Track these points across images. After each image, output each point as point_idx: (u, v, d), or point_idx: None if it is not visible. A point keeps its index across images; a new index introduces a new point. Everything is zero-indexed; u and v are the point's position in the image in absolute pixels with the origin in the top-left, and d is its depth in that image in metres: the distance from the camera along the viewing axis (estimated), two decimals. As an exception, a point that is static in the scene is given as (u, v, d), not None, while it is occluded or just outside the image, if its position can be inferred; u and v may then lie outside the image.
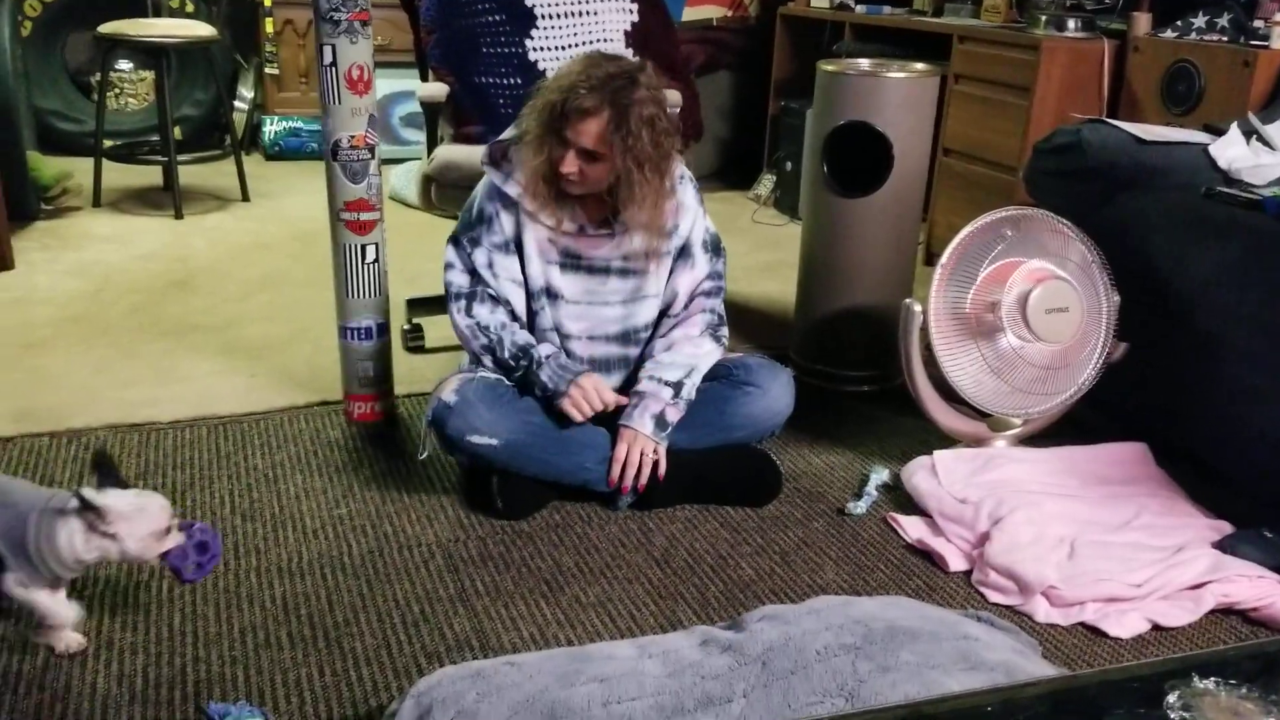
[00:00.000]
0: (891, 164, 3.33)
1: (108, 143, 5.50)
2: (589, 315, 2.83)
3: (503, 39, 3.61)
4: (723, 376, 2.87)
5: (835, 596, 2.32)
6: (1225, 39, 3.80)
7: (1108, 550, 2.58)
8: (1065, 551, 2.57)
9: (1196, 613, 2.42)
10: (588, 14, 3.66)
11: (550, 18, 3.61)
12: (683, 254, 2.85)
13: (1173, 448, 2.98)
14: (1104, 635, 2.36)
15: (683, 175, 2.84)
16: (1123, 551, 2.58)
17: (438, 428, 2.71)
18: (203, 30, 5.31)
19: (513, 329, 2.77)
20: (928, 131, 3.44)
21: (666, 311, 2.89)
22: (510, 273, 2.78)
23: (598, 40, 3.67)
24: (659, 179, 2.67)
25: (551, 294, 2.79)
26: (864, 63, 3.53)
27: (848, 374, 3.56)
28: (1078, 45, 4.20)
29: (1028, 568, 2.47)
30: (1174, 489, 2.87)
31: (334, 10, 2.81)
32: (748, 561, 2.59)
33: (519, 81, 3.59)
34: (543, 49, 3.62)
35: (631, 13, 3.73)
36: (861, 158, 3.36)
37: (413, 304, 3.81)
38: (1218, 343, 2.82)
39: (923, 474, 2.87)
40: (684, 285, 2.87)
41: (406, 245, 4.59)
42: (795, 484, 2.95)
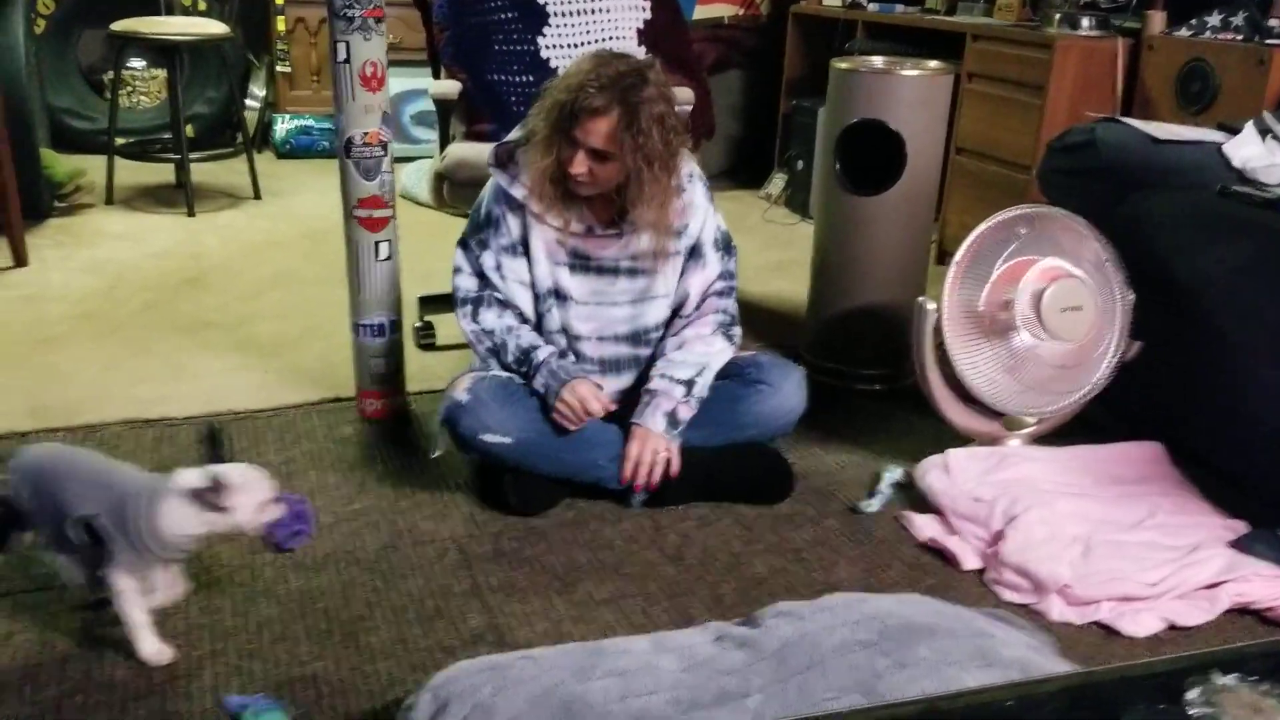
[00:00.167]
0: (904, 162, 3.33)
1: (120, 140, 5.52)
2: (597, 316, 2.82)
3: (515, 36, 3.61)
4: (735, 375, 2.87)
5: (850, 593, 2.31)
6: (1240, 37, 3.79)
7: (1122, 549, 2.57)
8: (1080, 550, 2.56)
9: (1212, 612, 2.42)
10: (600, 11, 3.66)
11: (562, 15, 3.61)
12: (694, 254, 2.85)
13: (1187, 447, 2.98)
14: (1119, 634, 2.36)
15: (693, 174, 2.83)
16: (1137, 551, 2.57)
17: (451, 426, 2.71)
18: (215, 28, 5.32)
19: (518, 332, 2.77)
20: (941, 130, 3.44)
21: (678, 312, 2.88)
22: (518, 275, 2.78)
23: (610, 38, 3.67)
24: (667, 177, 2.67)
25: (559, 295, 2.79)
26: (877, 60, 3.53)
27: (859, 373, 3.55)
28: (1091, 44, 4.19)
29: (1042, 566, 2.46)
30: (1188, 488, 2.86)
31: (348, 7, 2.81)
32: (760, 559, 2.59)
33: (531, 79, 3.59)
34: (555, 46, 3.62)
35: (644, 10, 3.72)
36: (874, 156, 3.36)
37: (424, 301, 3.81)
38: (1232, 342, 2.82)
39: (936, 472, 2.87)
40: (696, 285, 2.86)
41: (418, 243, 4.57)
42: (807, 482, 2.94)
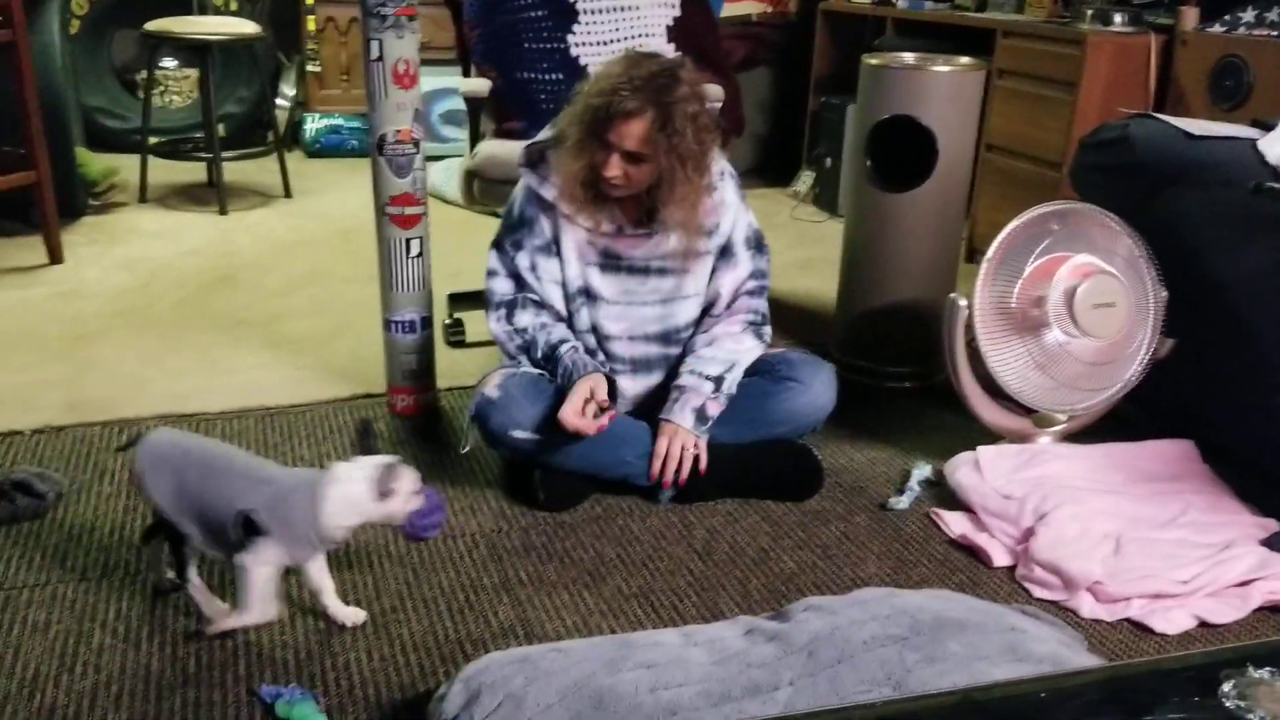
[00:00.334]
0: (936, 158, 3.33)
1: (153, 139, 5.55)
2: (627, 315, 2.83)
3: (545, 34, 3.62)
4: (764, 371, 2.87)
5: (880, 588, 2.32)
6: (1274, 33, 3.76)
7: (1154, 547, 2.56)
8: (1111, 548, 2.55)
9: (1244, 610, 2.41)
10: (629, 9, 3.66)
11: (592, 13, 3.62)
12: (725, 253, 2.85)
13: (1219, 445, 2.96)
14: (1150, 631, 2.35)
15: (724, 172, 2.83)
16: (1169, 548, 2.56)
17: (481, 422, 2.72)
18: (247, 28, 5.35)
19: (549, 329, 2.77)
20: (972, 126, 3.43)
21: (709, 310, 2.89)
22: (552, 275, 2.79)
23: (639, 35, 3.67)
24: (699, 176, 2.67)
25: (590, 295, 2.80)
26: (909, 56, 3.52)
27: (889, 370, 3.55)
28: (1124, 40, 4.17)
29: (1073, 563, 2.46)
30: (1220, 486, 2.85)
31: (381, 5, 2.83)
32: (789, 555, 2.59)
33: (560, 77, 3.60)
34: (584, 44, 3.63)
35: (673, 7, 3.72)
36: (905, 152, 3.35)
37: (454, 299, 3.82)
38: (1266, 339, 2.80)
39: (966, 469, 2.86)
40: (727, 285, 2.86)
41: (446, 241, 4.58)
42: (836, 479, 2.94)
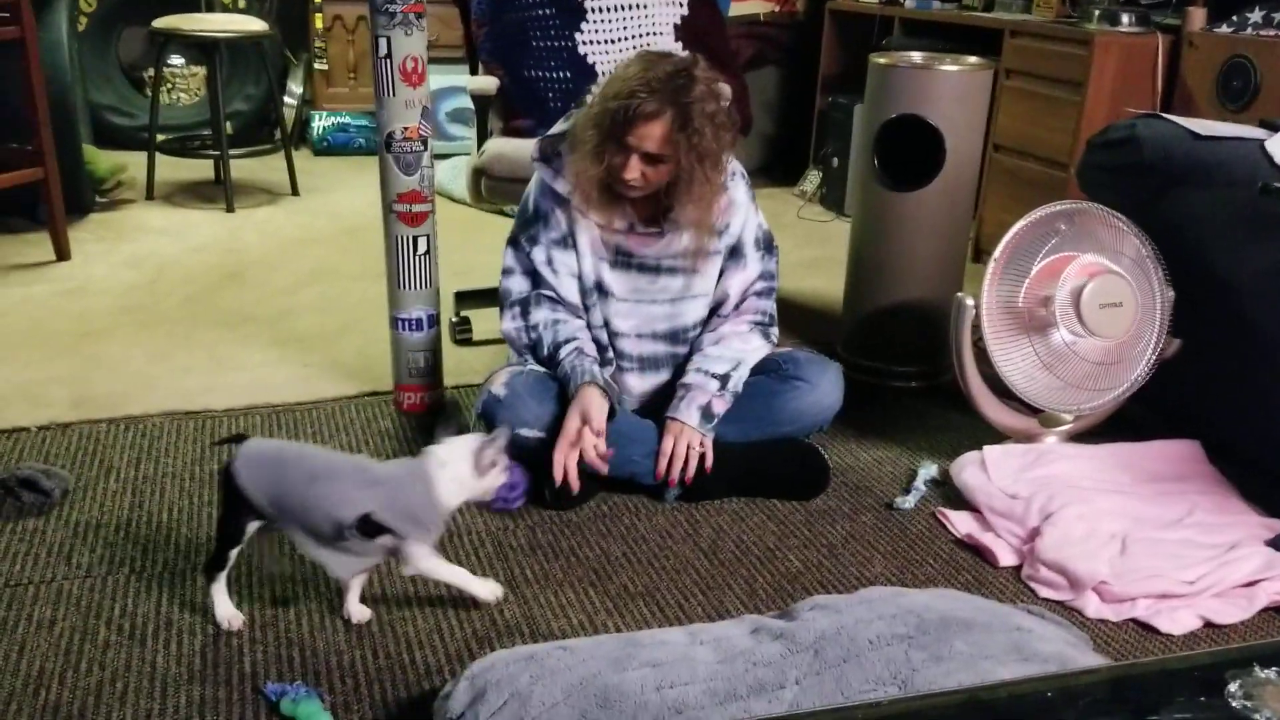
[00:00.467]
0: (943, 158, 3.33)
1: (161, 137, 5.56)
2: (636, 313, 2.83)
3: (553, 32, 3.62)
4: (771, 370, 2.87)
5: (886, 587, 2.32)
6: (1281, 34, 3.77)
7: (1160, 547, 2.56)
8: (1117, 548, 2.55)
9: (1249, 610, 2.41)
10: (637, 7, 3.66)
11: (600, 11, 3.62)
12: (734, 253, 2.84)
13: (1226, 445, 2.96)
14: (1155, 632, 2.35)
15: (735, 172, 2.82)
16: (1175, 548, 2.56)
17: (487, 420, 2.72)
18: (254, 25, 5.36)
19: (558, 327, 2.76)
20: (980, 126, 3.43)
21: (717, 310, 2.89)
22: (569, 267, 2.78)
23: (647, 34, 3.67)
24: (717, 175, 2.67)
25: (602, 290, 2.80)
26: (916, 56, 3.52)
27: (896, 369, 3.55)
28: (1131, 40, 4.17)
29: (1079, 563, 2.46)
30: (1227, 487, 2.85)
31: (389, 2, 2.83)
32: (795, 554, 2.59)
33: (568, 75, 3.60)
34: (592, 43, 3.63)
35: (681, 6, 3.73)
36: (912, 152, 3.35)
37: (461, 297, 3.82)
38: (1272, 340, 2.80)
39: (972, 469, 2.86)
40: (735, 285, 2.86)
41: (453, 239, 4.60)
42: (843, 478, 2.94)
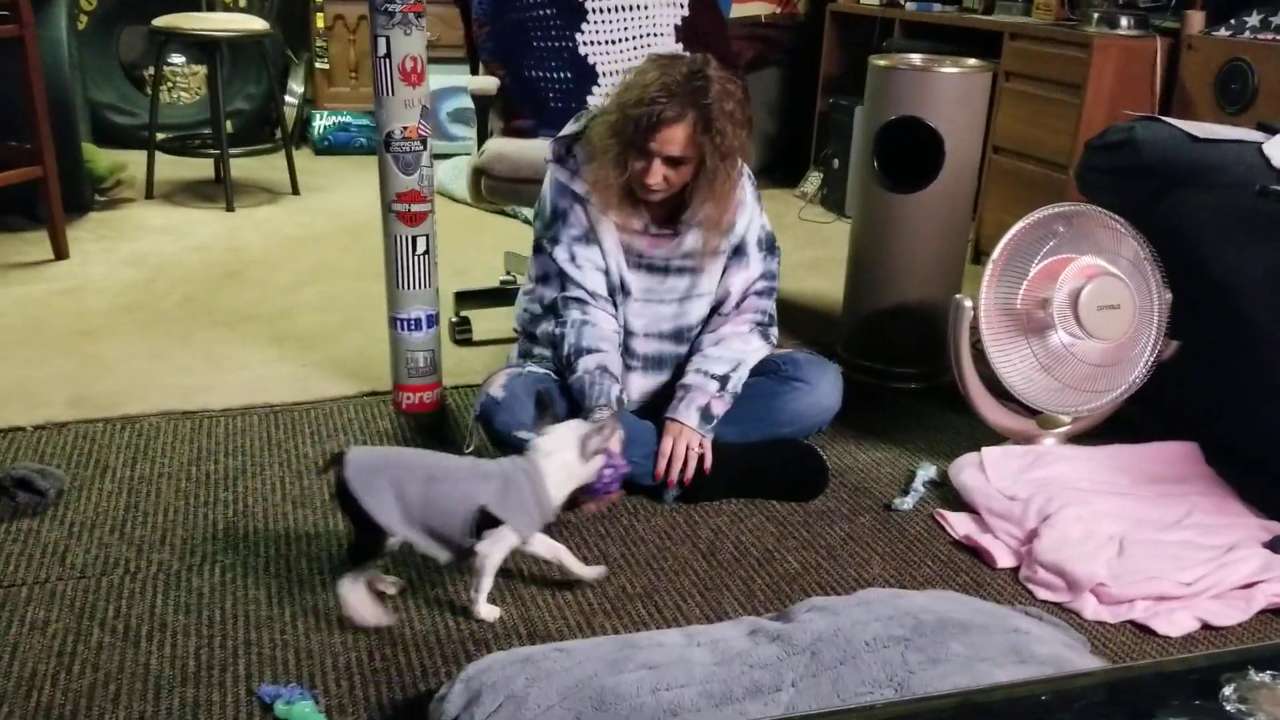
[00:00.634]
0: (942, 160, 3.32)
1: (161, 136, 5.56)
2: (646, 312, 2.84)
3: (554, 33, 3.62)
4: (771, 372, 2.87)
5: (884, 589, 2.32)
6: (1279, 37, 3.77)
7: (1158, 549, 2.56)
8: (1115, 549, 2.55)
9: (1247, 612, 2.41)
10: (638, 8, 3.66)
11: (601, 11, 3.62)
12: (737, 253, 2.85)
13: (1224, 447, 2.96)
14: (1153, 633, 2.35)
15: (743, 172, 2.84)
16: (1173, 550, 2.56)
17: (485, 422, 2.72)
18: (255, 24, 5.36)
19: (582, 328, 2.74)
20: (979, 128, 3.43)
21: (718, 309, 2.89)
22: (594, 262, 2.77)
23: (648, 34, 3.67)
24: (737, 171, 2.70)
25: (624, 289, 2.81)
26: (916, 58, 3.52)
27: (895, 370, 3.54)
28: (1130, 43, 4.17)
29: (1077, 565, 2.45)
30: (1225, 488, 2.85)
31: (389, 1, 2.82)
32: (794, 555, 2.59)
33: (569, 75, 3.60)
34: (593, 43, 3.63)
35: (682, 7, 3.73)
36: (912, 154, 3.35)
37: (461, 297, 3.82)
38: (1270, 341, 2.80)
39: (970, 470, 2.86)
40: (737, 284, 2.87)
41: (454, 239, 4.61)
42: (842, 479, 2.94)
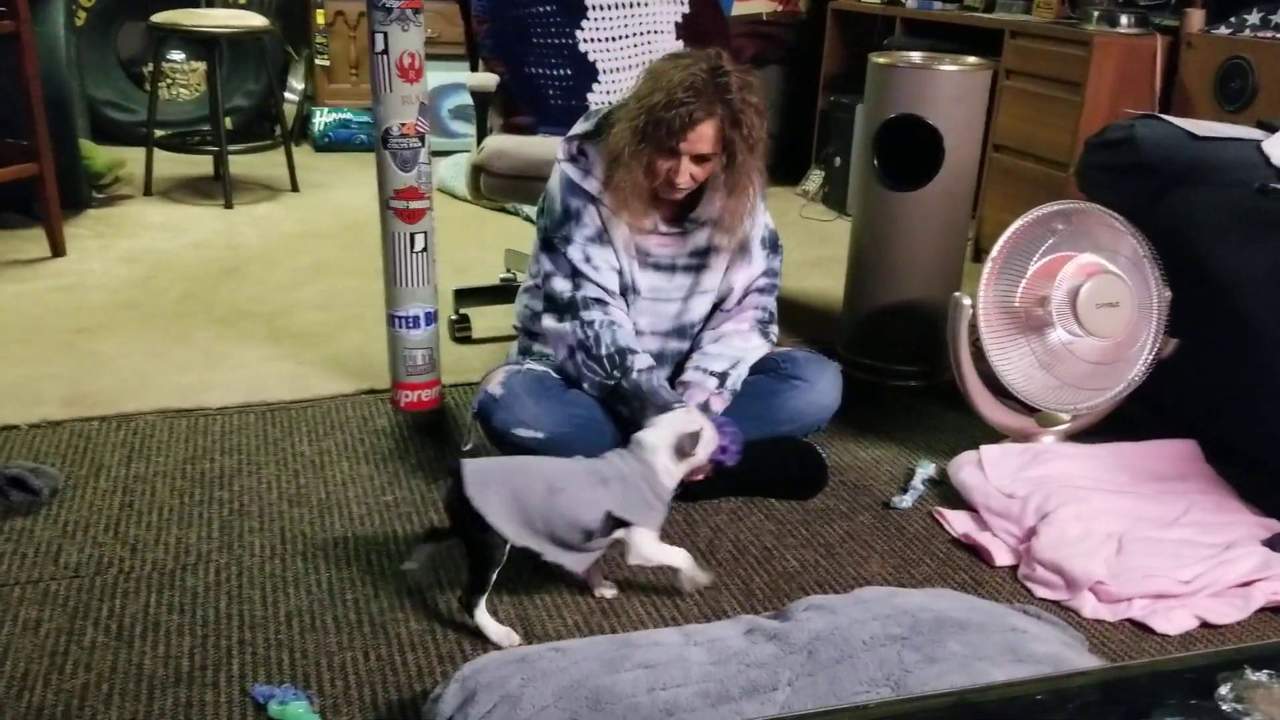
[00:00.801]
0: (942, 158, 3.32)
1: (159, 132, 5.54)
2: (651, 310, 2.83)
3: (553, 29, 3.61)
4: (770, 370, 2.87)
5: (882, 587, 2.31)
6: (1279, 35, 3.76)
7: (1157, 547, 2.55)
8: (1113, 547, 2.54)
9: (1245, 610, 2.40)
10: (638, 5, 3.66)
11: (601, 9, 3.61)
12: (741, 249, 2.84)
13: (1223, 445, 2.96)
14: (1151, 632, 2.34)
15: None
16: (1172, 548, 2.56)
17: (484, 420, 2.71)
18: (255, 21, 5.35)
19: (615, 329, 2.73)
20: (979, 126, 3.42)
21: (719, 305, 2.88)
22: (609, 262, 2.75)
23: (648, 32, 3.66)
24: (762, 161, 2.69)
25: (634, 289, 2.80)
26: (916, 55, 3.52)
27: (895, 368, 3.54)
28: (1130, 41, 4.16)
29: (1075, 563, 2.45)
30: (1224, 486, 2.84)
31: (386, -2, 2.82)
32: (792, 554, 2.59)
33: (569, 72, 3.59)
34: (593, 40, 3.62)
35: (682, 4, 3.72)
36: (912, 152, 3.34)
37: (460, 294, 3.81)
38: (1269, 339, 2.79)
39: (969, 469, 2.85)
40: (740, 281, 2.86)
41: (455, 236, 4.61)
42: (841, 477, 2.93)
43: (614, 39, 3.64)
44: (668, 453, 2.38)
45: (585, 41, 3.62)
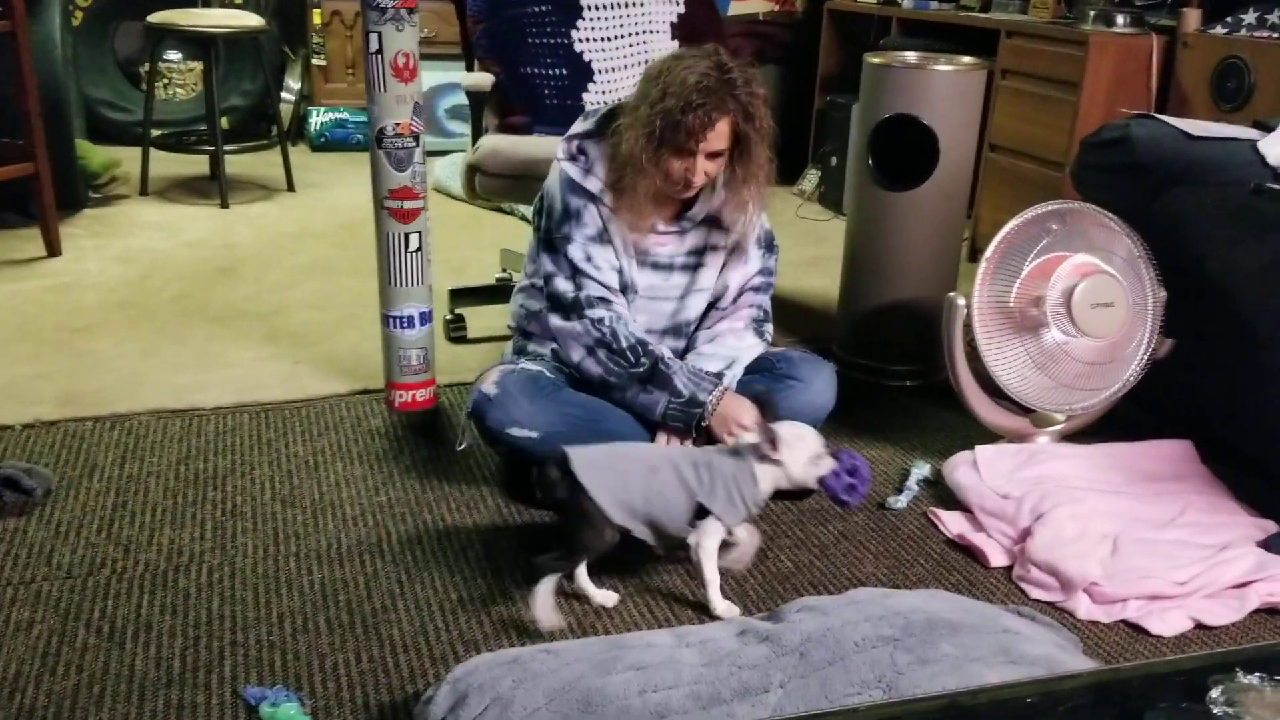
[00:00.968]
0: (937, 158, 3.31)
1: (156, 132, 5.54)
2: (648, 309, 2.83)
3: (549, 30, 3.61)
4: (765, 370, 2.87)
5: (875, 588, 2.31)
6: (1276, 35, 3.75)
7: (1152, 548, 2.55)
8: (1108, 548, 2.54)
9: (1240, 611, 2.40)
10: (634, 5, 3.66)
11: (596, 9, 3.61)
12: (736, 249, 2.85)
13: (1219, 445, 2.95)
14: (1146, 633, 2.34)
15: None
16: (1167, 549, 2.55)
17: (478, 419, 2.71)
18: (251, 21, 5.34)
19: (625, 321, 2.74)
20: (974, 125, 3.42)
21: (715, 304, 2.89)
22: (610, 262, 2.76)
23: (644, 31, 3.66)
24: (772, 149, 2.70)
25: (633, 287, 2.80)
26: (910, 55, 3.51)
27: (890, 368, 3.54)
28: (1126, 41, 4.16)
29: (1070, 564, 2.44)
30: (1219, 487, 2.83)
31: (380, -2, 2.81)
32: (786, 554, 2.58)
33: (565, 72, 3.59)
34: (588, 40, 3.62)
35: (678, 4, 3.72)
36: (907, 151, 3.34)
37: (456, 294, 3.81)
38: (1265, 339, 2.79)
39: (964, 469, 2.85)
40: (735, 279, 2.87)
41: (452, 236, 4.61)
42: (836, 478, 2.93)
43: (609, 39, 3.63)
44: (796, 459, 2.37)
45: (581, 41, 3.61)
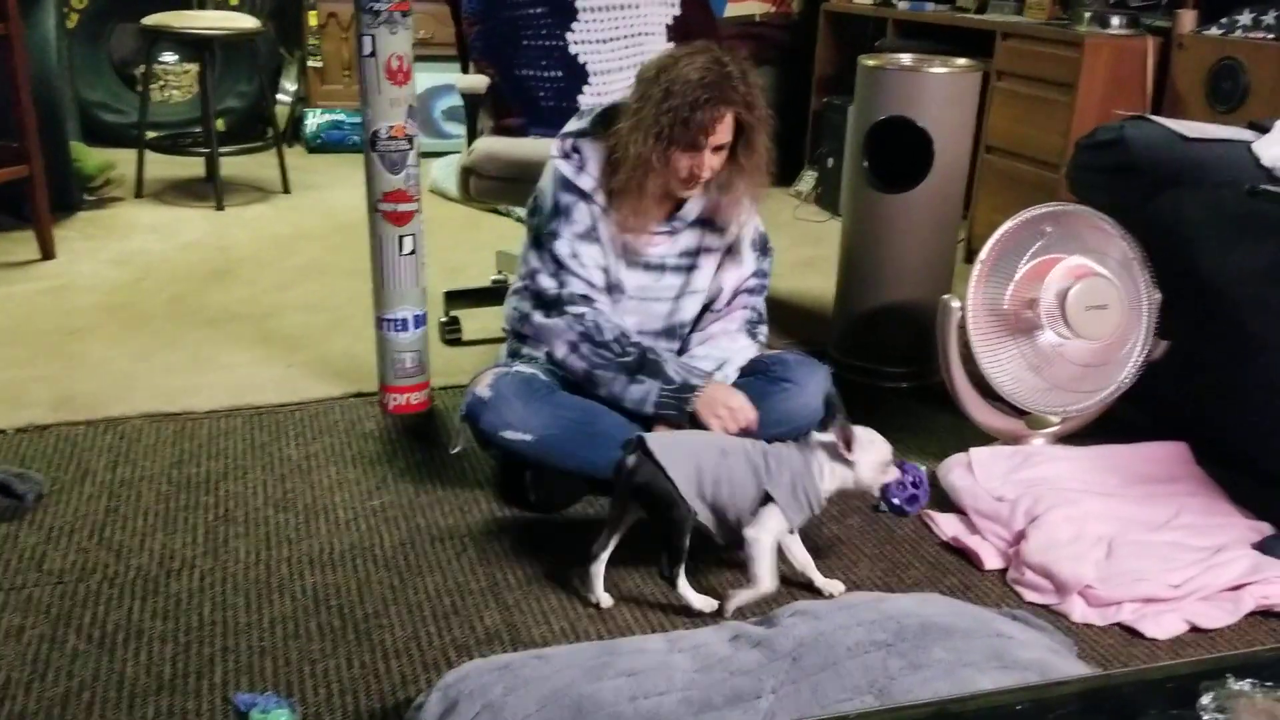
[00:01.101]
0: (932, 160, 3.31)
1: (151, 134, 5.54)
2: (640, 310, 2.82)
3: (544, 32, 3.60)
4: (760, 372, 2.86)
5: (868, 593, 2.30)
6: (1271, 36, 3.75)
7: (1147, 550, 2.54)
8: (1103, 550, 2.53)
9: (1235, 614, 2.39)
10: (629, 7, 3.65)
11: (591, 11, 3.60)
12: (731, 250, 2.85)
13: (1214, 447, 2.95)
14: (1141, 636, 2.33)
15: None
16: (1162, 551, 2.55)
17: (472, 422, 2.70)
18: (247, 23, 5.35)
19: (606, 316, 2.74)
20: (969, 127, 3.42)
21: (709, 306, 2.89)
22: (595, 260, 2.75)
23: (639, 34, 3.66)
24: (769, 139, 2.71)
25: (620, 287, 2.79)
26: (905, 58, 3.51)
27: (886, 370, 3.54)
28: (1122, 42, 4.16)
29: (1064, 566, 2.44)
30: (1214, 489, 2.83)
31: (374, 1, 2.81)
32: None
33: (560, 74, 3.59)
34: (583, 42, 3.61)
35: (673, 5, 3.71)
36: (902, 154, 3.34)
37: (451, 297, 3.80)
38: (1259, 341, 2.78)
39: (959, 471, 2.85)
40: (730, 281, 2.86)
41: (447, 238, 4.61)
42: (831, 480, 2.92)
43: (604, 41, 3.63)
44: (866, 462, 2.40)
45: (576, 44, 3.61)
